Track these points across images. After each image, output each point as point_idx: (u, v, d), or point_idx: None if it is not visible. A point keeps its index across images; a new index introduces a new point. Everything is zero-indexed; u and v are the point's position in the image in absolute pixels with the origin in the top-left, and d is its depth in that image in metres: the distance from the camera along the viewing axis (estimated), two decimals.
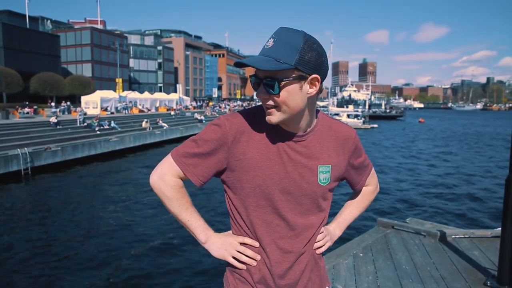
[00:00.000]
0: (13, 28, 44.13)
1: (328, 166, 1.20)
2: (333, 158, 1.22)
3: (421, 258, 3.94)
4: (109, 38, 59.89)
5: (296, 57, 1.03)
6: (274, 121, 1.09)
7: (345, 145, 1.26)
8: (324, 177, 1.20)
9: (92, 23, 70.10)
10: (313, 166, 1.18)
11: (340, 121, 1.31)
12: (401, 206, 11.20)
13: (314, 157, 1.18)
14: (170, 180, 1.20)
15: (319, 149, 1.20)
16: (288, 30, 1.05)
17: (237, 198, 1.19)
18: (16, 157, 15.03)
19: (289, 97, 1.06)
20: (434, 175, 16.38)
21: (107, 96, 36.74)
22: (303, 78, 1.06)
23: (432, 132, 42.77)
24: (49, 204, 11.85)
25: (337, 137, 1.24)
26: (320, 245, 1.28)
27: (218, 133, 1.14)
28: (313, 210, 1.21)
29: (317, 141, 1.20)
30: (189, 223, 1.23)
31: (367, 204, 1.47)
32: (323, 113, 1.29)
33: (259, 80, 1.07)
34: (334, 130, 1.25)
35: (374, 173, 1.46)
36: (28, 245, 8.17)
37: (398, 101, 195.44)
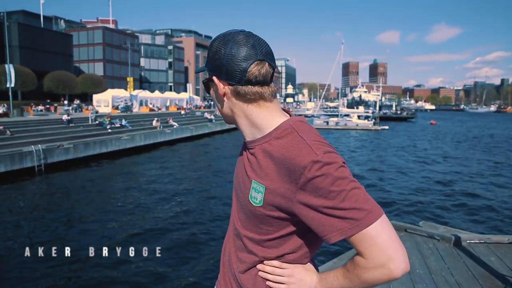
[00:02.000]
0: (28, 28, 44.82)
1: (261, 186, 0.99)
2: (272, 181, 0.97)
3: (435, 263, 3.90)
4: (120, 38, 60.48)
5: (210, 63, 1.05)
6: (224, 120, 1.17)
7: (292, 173, 0.92)
8: (255, 196, 1.01)
9: (104, 22, 70.87)
10: (250, 177, 1.04)
11: (310, 142, 0.94)
12: (413, 209, 11.08)
13: (254, 170, 1.04)
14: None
15: (260, 164, 1.02)
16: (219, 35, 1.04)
17: None
18: (30, 153, 15.26)
19: (213, 99, 1.13)
20: (447, 178, 16.18)
21: (118, 94, 37.12)
22: (210, 79, 1.08)
23: (444, 134, 42.28)
24: (61, 199, 12.00)
25: (283, 159, 0.95)
26: (267, 277, 1.07)
27: None
28: (250, 227, 1.07)
29: (263, 154, 1.02)
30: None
31: (356, 281, 0.93)
32: (295, 126, 1.01)
33: None
34: (286, 148, 0.96)
35: (375, 242, 0.87)
36: (40, 239, 8.29)
37: (409, 103, 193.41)
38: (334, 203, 0.88)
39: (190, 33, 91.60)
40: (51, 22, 57.42)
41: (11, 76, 25.26)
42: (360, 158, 21.99)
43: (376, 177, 16.00)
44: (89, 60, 58.77)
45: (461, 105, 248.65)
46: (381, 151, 25.10)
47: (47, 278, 6.47)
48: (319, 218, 0.91)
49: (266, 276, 1.07)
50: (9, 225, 9.40)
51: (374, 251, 0.87)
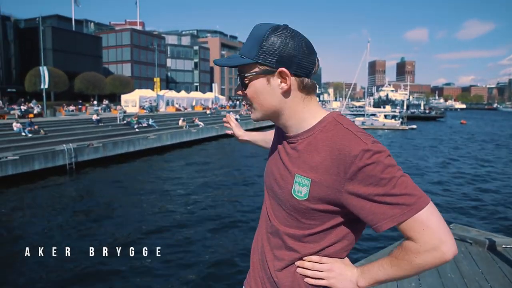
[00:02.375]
0: (60, 31, 46.63)
1: (306, 179, 0.98)
2: (318, 174, 0.97)
3: (468, 267, 3.75)
4: (147, 39, 61.78)
5: (256, 51, 0.98)
6: (253, 118, 1.08)
7: (341, 163, 0.93)
8: (299, 190, 1.00)
9: (132, 24, 72.56)
10: (291, 172, 1.03)
11: (357, 133, 0.95)
12: (442, 211, 10.74)
13: (295, 164, 1.03)
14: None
15: (304, 157, 1.01)
16: (261, 24, 1.01)
17: None
18: (62, 152, 15.83)
19: (257, 93, 1.02)
20: (478, 179, 15.60)
21: (145, 95, 37.89)
22: (269, 72, 0.99)
23: (475, 134, 40.79)
24: (91, 196, 12.39)
25: (331, 150, 0.95)
26: (308, 274, 1.05)
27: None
28: (290, 222, 1.05)
29: (305, 147, 1.02)
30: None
31: (408, 267, 0.94)
32: (338, 118, 1.02)
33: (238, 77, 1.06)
34: (332, 140, 0.97)
35: (427, 225, 0.89)
36: (71, 233, 8.58)
37: (438, 102, 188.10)
38: (385, 190, 0.89)
39: (216, 33, 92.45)
40: (82, 25, 59.43)
41: (45, 78, 26.26)
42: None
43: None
44: (118, 61, 60.34)
45: (494, 104, 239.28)
46: (409, 150, 24.47)
47: (58, 275, 6.69)
48: (370, 207, 0.92)
49: (305, 272, 1.05)
50: (37, 221, 9.78)
51: (427, 234, 0.89)
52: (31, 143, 16.24)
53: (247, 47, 1.00)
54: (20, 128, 17.51)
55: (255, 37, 0.99)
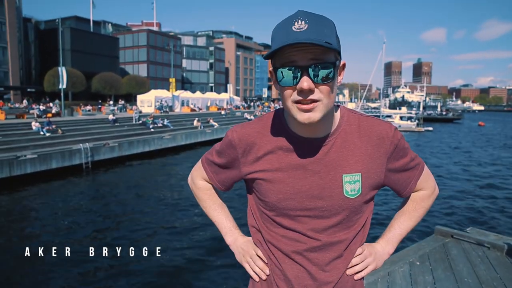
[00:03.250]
0: (79, 32, 47.54)
1: (356, 175, 1.00)
2: (365, 164, 1.00)
3: (486, 272, 3.66)
4: (163, 40, 62.41)
5: (335, 39, 0.90)
6: (314, 119, 0.90)
7: (381, 146, 1.01)
8: (352, 188, 1.00)
9: (148, 25, 73.50)
10: (336, 176, 0.99)
11: (373, 116, 1.07)
12: (459, 214, 10.53)
13: (338, 165, 1.00)
14: (198, 183, 1.26)
15: (345, 154, 1.00)
16: (311, 13, 0.91)
17: (255, 207, 1.14)
18: (79, 151, 16.11)
19: (333, 88, 0.92)
20: (496, 182, 15.23)
21: (161, 95, 38.28)
22: (339, 64, 0.94)
23: (493, 135, 39.84)
24: (106, 195, 12.57)
25: (369, 138, 1.01)
26: (358, 270, 1.09)
27: (228, 148, 1.09)
28: (340, 226, 1.04)
29: (341, 144, 1.00)
30: (216, 224, 1.26)
31: (422, 212, 1.16)
32: (348, 109, 1.07)
33: (301, 69, 0.87)
34: (364, 129, 1.02)
35: (428, 174, 1.14)
36: (87, 231, 8.72)
37: (456, 103, 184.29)
38: (410, 157, 1.08)
39: (231, 34, 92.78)
40: (99, 26, 60.45)
41: (64, 78, 26.78)
42: None
43: None
44: (134, 61, 61.12)
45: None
46: (425, 153, 24.06)
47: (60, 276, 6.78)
48: (403, 176, 1.09)
49: (355, 270, 1.09)
50: (52, 220, 9.97)
51: (431, 181, 1.16)
52: (49, 142, 16.57)
53: (327, 34, 0.87)
54: (39, 127, 17.89)
55: (327, 25, 0.90)
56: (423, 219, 5.09)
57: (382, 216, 9.77)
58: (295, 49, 0.86)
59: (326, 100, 0.90)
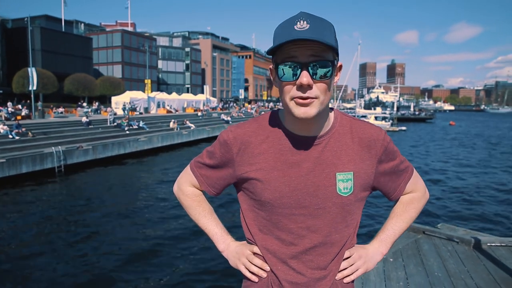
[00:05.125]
0: (50, 32, 46.06)
1: (349, 173, 1.03)
2: (356, 164, 1.04)
3: (455, 266, 3.80)
4: (138, 40, 61.38)
5: (334, 39, 0.94)
6: (311, 114, 0.94)
7: (371, 148, 1.06)
8: (344, 186, 1.03)
9: (123, 25, 72.16)
10: (329, 173, 1.02)
11: (364, 120, 1.13)
12: (431, 211, 10.86)
13: (332, 163, 1.03)
14: (186, 189, 1.24)
15: (338, 154, 1.04)
16: (310, 14, 0.96)
17: (249, 210, 1.13)
18: (51, 155, 15.63)
19: (330, 85, 0.96)
20: (466, 179, 15.80)
21: (136, 96, 37.66)
22: (337, 64, 0.98)
23: (464, 135, 41.31)
24: (79, 200, 12.25)
25: (360, 140, 1.06)
26: (347, 274, 1.09)
27: (223, 147, 1.09)
28: (334, 226, 1.05)
29: (335, 144, 1.04)
30: (207, 231, 1.23)
31: (414, 214, 1.19)
32: (341, 112, 1.12)
33: (301, 65, 0.91)
34: (356, 131, 1.07)
35: (417, 177, 1.19)
36: (58, 238, 8.47)
37: (428, 103, 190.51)
38: (399, 160, 1.13)
39: (207, 35, 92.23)
40: (71, 26, 58.79)
41: (34, 79, 25.93)
42: None
43: None
44: (108, 62, 59.82)
45: (482, 106, 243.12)
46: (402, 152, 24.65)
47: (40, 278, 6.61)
48: (391, 178, 1.12)
49: (344, 274, 1.09)
50: (23, 224, 9.65)
51: (421, 185, 1.20)
52: (19, 146, 16.01)
53: (327, 33, 0.91)
54: (7, 130, 17.26)
55: (327, 27, 0.93)
56: None
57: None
58: (296, 46, 0.90)
59: (322, 97, 0.94)
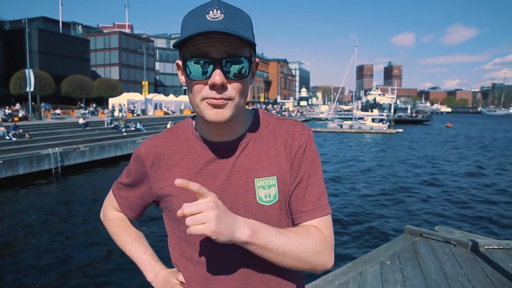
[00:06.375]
0: (47, 34, 46.05)
1: (270, 178, 0.89)
2: (280, 167, 0.90)
3: (452, 268, 3.82)
4: (136, 42, 61.40)
5: (251, 33, 0.84)
6: (227, 116, 0.82)
7: (287, 145, 0.92)
8: (266, 194, 0.88)
9: (120, 27, 72.16)
10: (247, 180, 0.88)
11: (293, 118, 0.98)
12: (428, 214, 10.89)
13: (249, 168, 0.89)
14: (110, 214, 1.12)
15: (257, 157, 0.90)
16: (226, 2, 0.83)
17: (171, 232, 0.99)
18: (48, 156, 15.57)
19: (246, 85, 0.85)
20: (464, 182, 15.85)
21: (133, 98, 37.61)
22: (254, 62, 0.87)
23: (461, 137, 41.48)
24: (76, 202, 12.20)
25: (283, 139, 0.92)
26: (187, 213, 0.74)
27: (136, 162, 0.97)
28: None
29: (253, 146, 0.91)
30: (134, 259, 1.10)
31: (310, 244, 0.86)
32: (266, 113, 1.00)
33: (213, 61, 0.79)
34: (279, 130, 0.94)
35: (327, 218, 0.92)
36: (54, 239, 8.44)
37: (425, 105, 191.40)
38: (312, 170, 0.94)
39: None
40: (69, 27, 58.76)
41: (31, 80, 25.86)
42: (374, 161, 21.73)
43: (390, 181, 15.79)
44: (106, 64, 59.78)
45: (479, 108, 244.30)
46: (395, 154, 24.75)
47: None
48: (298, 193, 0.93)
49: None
50: (20, 226, 9.60)
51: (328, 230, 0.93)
52: (16, 147, 15.93)
53: (242, 27, 0.80)
54: (4, 131, 17.19)
55: (244, 19, 0.83)
56: (394, 218, 5.27)
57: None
58: (208, 40, 0.78)
59: (238, 98, 0.82)
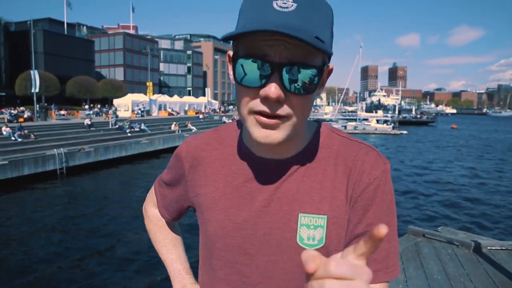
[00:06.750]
0: (52, 35, 46.41)
1: (320, 217, 0.70)
2: (335, 204, 0.70)
3: (454, 269, 3.82)
4: (140, 43, 61.63)
5: (329, 36, 0.64)
6: (279, 139, 0.64)
7: (354, 182, 0.70)
8: (310, 236, 0.69)
9: (124, 28, 72.49)
10: (290, 213, 0.71)
11: (365, 143, 0.74)
12: (431, 214, 10.86)
13: (295, 199, 0.71)
14: (149, 210, 1.03)
15: (308, 186, 0.71)
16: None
17: (201, 247, 0.86)
18: (53, 157, 15.68)
19: (312, 99, 0.66)
20: (468, 183, 15.79)
21: (138, 99, 37.79)
22: (326, 69, 0.67)
23: (466, 139, 41.27)
24: (81, 202, 12.29)
25: (347, 168, 0.71)
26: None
27: (176, 160, 0.85)
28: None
29: (306, 172, 0.72)
30: (165, 264, 0.98)
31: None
32: (332, 128, 0.78)
33: (272, 67, 0.60)
34: (344, 155, 0.72)
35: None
36: (60, 239, 8.50)
37: (429, 107, 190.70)
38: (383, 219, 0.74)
39: (209, 38, 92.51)
40: (74, 28, 59.20)
41: (36, 81, 26.06)
42: None
43: (394, 182, 15.73)
44: (110, 65, 60.08)
45: (484, 109, 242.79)
46: (400, 155, 24.67)
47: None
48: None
49: None
50: (25, 226, 9.68)
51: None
52: (21, 148, 16.05)
53: (318, 24, 0.61)
54: (10, 132, 17.32)
55: (322, 12, 0.63)
56: (397, 218, 5.30)
57: None
58: (270, 37, 0.59)
59: (297, 118, 0.64)
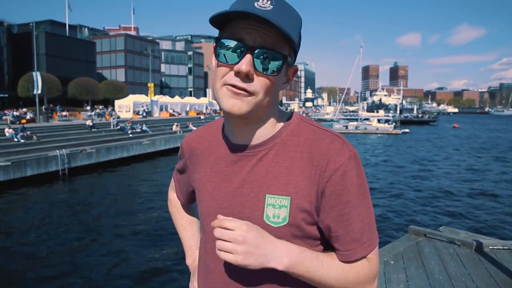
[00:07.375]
0: (54, 37, 46.61)
1: (283, 198, 0.77)
2: (299, 188, 0.77)
3: (456, 268, 3.82)
4: (141, 44, 61.79)
5: (296, 34, 0.77)
6: (243, 111, 0.74)
7: (321, 168, 0.76)
8: (275, 214, 0.77)
9: (126, 30, 72.67)
10: (258, 194, 0.80)
11: (333, 131, 0.82)
12: (433, 214, 10.85)
13: (263, 182, 0.80)
14: (170, 195, 1.20)
15: (275, 170, 0.79)
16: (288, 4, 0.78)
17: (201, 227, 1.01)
18: (55, 158, 15.73)
19: (277, 83, 0.78)
20: (469, 183, 15.76)
21: (139, 100, 37.87)
22: (290, 65, 0.81)
23: (468, 138, 41.19)
24: (83, 203, 12.32)
25: (311, 156, 0.78)
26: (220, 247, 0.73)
27: (181, 151, 1.04)
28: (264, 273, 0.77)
29: (273, 158, 0.80)
30: (182, 241, 1.15)
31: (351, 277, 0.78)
32: (302, 118, 0.86)
33: (246, 48, 0.73)
34: (309, 143, 0.80)
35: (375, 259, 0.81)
36: (62, 240, 8.53)
37: (431, 106, 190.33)
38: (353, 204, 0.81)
39: (210, 39, 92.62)
40: (75, 30, 59.34)
41: (38, 83, 26.14)
42: (380, 161, 21.66)
43: (394, 181, 15.74)
44: (112, 66, 60.22)
45: (486, 108, 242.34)
46: (401, 155, 24.64)
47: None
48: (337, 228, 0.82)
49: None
50: (27, 227, 9.72)
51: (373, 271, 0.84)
52: (24, 149, 16.12)
53: (287, 22, 0.73)
54: (12, 133, 17.40)
55: (294, 17, 0.78)
56: (399, 218, 5.31)
57: None
58: (247, 26, 0.72)
59: (261, 96, 0.75)
